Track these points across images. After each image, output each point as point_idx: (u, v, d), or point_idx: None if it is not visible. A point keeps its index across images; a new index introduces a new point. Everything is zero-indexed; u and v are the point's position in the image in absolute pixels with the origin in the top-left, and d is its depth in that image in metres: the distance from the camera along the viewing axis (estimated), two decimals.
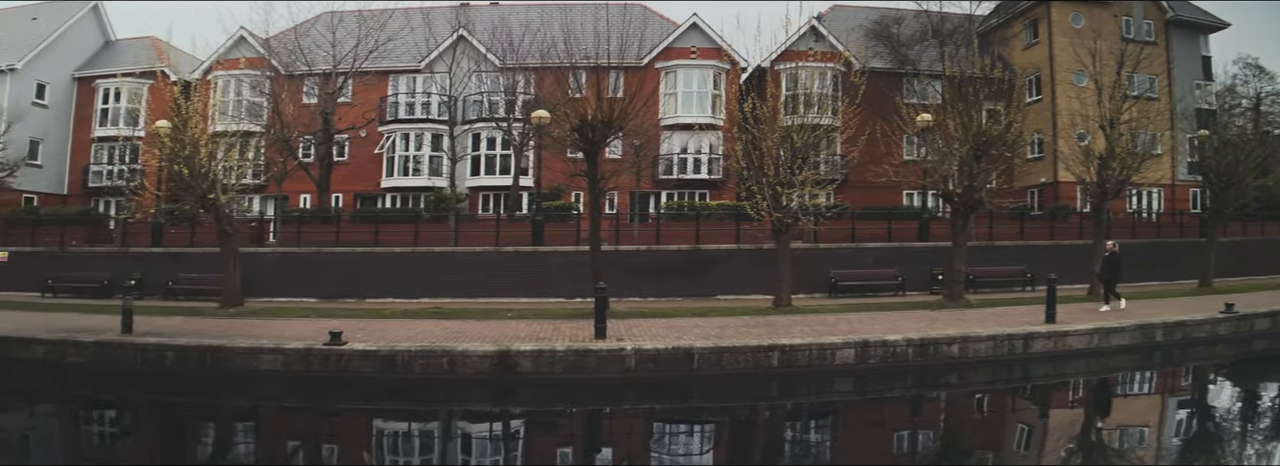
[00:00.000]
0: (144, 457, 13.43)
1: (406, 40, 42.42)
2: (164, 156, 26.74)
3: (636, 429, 14.98)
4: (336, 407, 16.75)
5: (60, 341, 20.07)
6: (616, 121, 25.03)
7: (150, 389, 18.47)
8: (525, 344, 17.85)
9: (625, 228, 34.38)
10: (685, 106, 40.65)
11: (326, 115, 38.51)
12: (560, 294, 29.97)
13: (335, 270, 32.34)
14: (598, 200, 26.59)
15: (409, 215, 36.85)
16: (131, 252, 35.51)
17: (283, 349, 18.18)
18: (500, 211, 38.70)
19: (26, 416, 17.09)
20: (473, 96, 40.91)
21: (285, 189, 39.79)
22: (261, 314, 25.73)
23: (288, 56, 39.75)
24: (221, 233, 27.03)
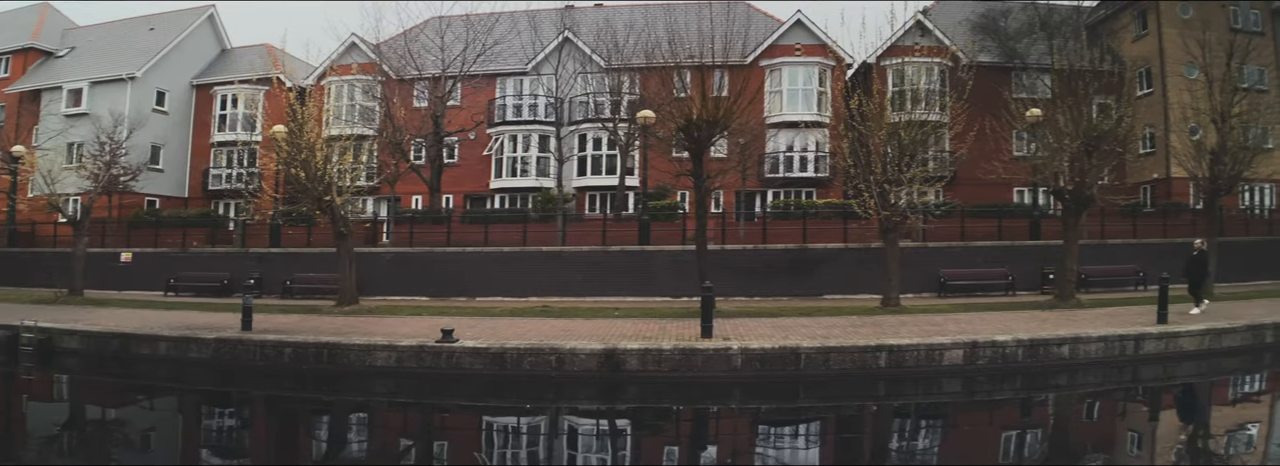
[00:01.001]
0: (263, 451, 13.95)
1: (513, 43, 43.03)
2: (282, 160, 27.64)
3: (742, 428, 15.03)
4: (447, 403, 17.20)
5: (182, 338, 20.93)
6: (722, 120, 25.05)
7: (269, 384, 19.25)
8: (632, 342, 18.04)
9: (731, 226, 34.46)
10: (790, 104, 40.46)
11: (437, 118, 39.28)
12: (666, 293, 30.06)
13: (446, 269, 33.02)
14: (703, 199, 26.65)
15: (517, 215, 37.47)
16: (251, 253, 36.71)
17: (396, 346, 18.72)
18: (607, 211, 38.97)
19: (149, 410, 17.91)
20: (578, 97, 41.35)
21: (398, 190, 40.79)
22: (376, 312, 26.43)
23: (398, 61, 40.69)
24: (337, 233, 27.80)
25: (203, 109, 50.31)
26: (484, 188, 43.35)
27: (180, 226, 40.64)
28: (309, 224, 35.46)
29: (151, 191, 46.91)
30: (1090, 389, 17.87)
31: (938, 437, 14.50)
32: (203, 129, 49.97)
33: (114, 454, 13.49)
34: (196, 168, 49.95)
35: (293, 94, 28.53)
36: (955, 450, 13.38)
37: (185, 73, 50.78)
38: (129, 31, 54.53)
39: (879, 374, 17.22)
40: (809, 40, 41.19)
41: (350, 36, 45.55)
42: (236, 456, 13.73)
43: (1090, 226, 30.72)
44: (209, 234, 40.65)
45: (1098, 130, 25.00)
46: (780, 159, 40.43)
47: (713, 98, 25.33)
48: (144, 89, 47.86)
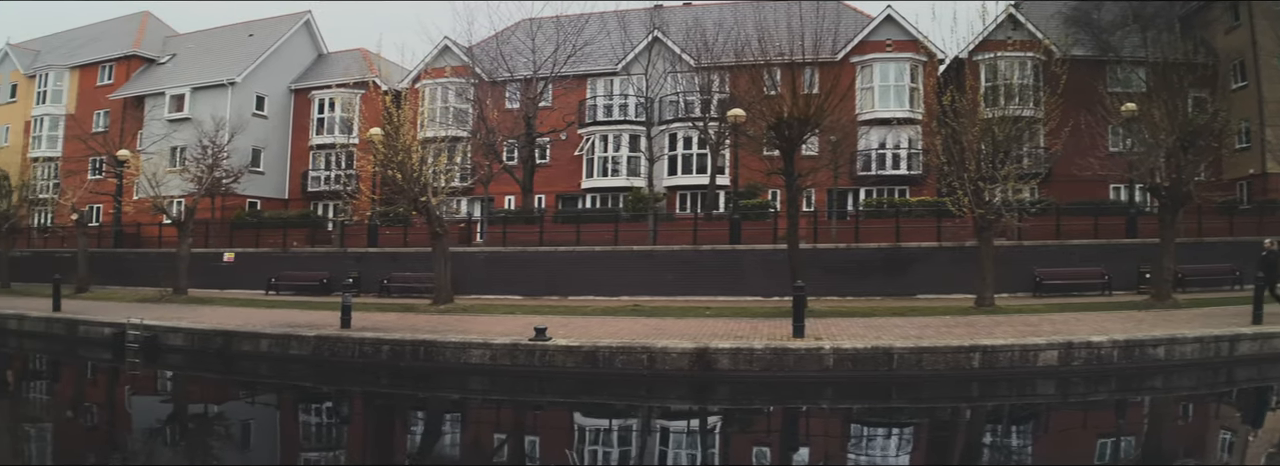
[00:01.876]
0: (360, 446, 14.32)
1: (603, 44, 43.29)
2: (379, 162, 28.18)
3: (833, 429, 15.02)
4: (540, 401, 17.46)
5: (283, 336, 21.54)
6: (813, 118, 24.90)
7: (367, 380, 19.68)
8: (723, 341, 18.08)
9: (823, 225, 34.32)
10: (882, 100, 40.09)
11: (528, 119, 39.72)
12: (757, 292, 30.04)
13: (539, 268, 33.41)
14: (795, 198, 26.55)
15: (608, 215, 37.78)
16: (349, 253, 37.55)
17: (490, 344, 19.05)
18: (697, 210, 39.04)
19: (251, 405, 18.48)
20: (668, 97, 41.47)
21: (491, 191, 41.38)
22: (470, 310, 26.88)
23: (490, 64, 41.29)
24: (433, 233, 28.29)
25: (301, 113, 51.63)
26: (575, 188, 43.73)
27: (281, 227, 41.69)
28: (405, 224, 36.18)
29: (253, 193, 48.23)
30: (1185, 391, 17.55)
31: (1030, 440, 14.32)
32: (301, 132, 51.29)
33: (216, 448, 13.96)
34: (295, 170, 51.27)
35: (388, 97, 29.06)
36: (1047, 453, 13.17)
37: (283, 77, 52.18)
38: (228, 38, 56.12)
39: (972, 375, 17.01)
40: (900, 36, 40.79)
41: (443, 40, 46.34)
42: (335, 451, 14.05)
43: (1187, 224, 29.94)
44: (309, 234, 41.63)
45: (1193, 125, 24.44)
46: (872, 156, 40.07)
47: (804, 95, 25.15)
48: (244, 94, 49.22)
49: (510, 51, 41.38)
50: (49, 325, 26.85)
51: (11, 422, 16.09)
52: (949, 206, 26.28)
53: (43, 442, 14.27)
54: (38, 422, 16.23)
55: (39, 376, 22.87)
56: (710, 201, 38.82)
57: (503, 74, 41.29)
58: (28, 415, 17.06)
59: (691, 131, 40.44)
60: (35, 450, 13.63)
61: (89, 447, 13.81)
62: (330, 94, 49.67)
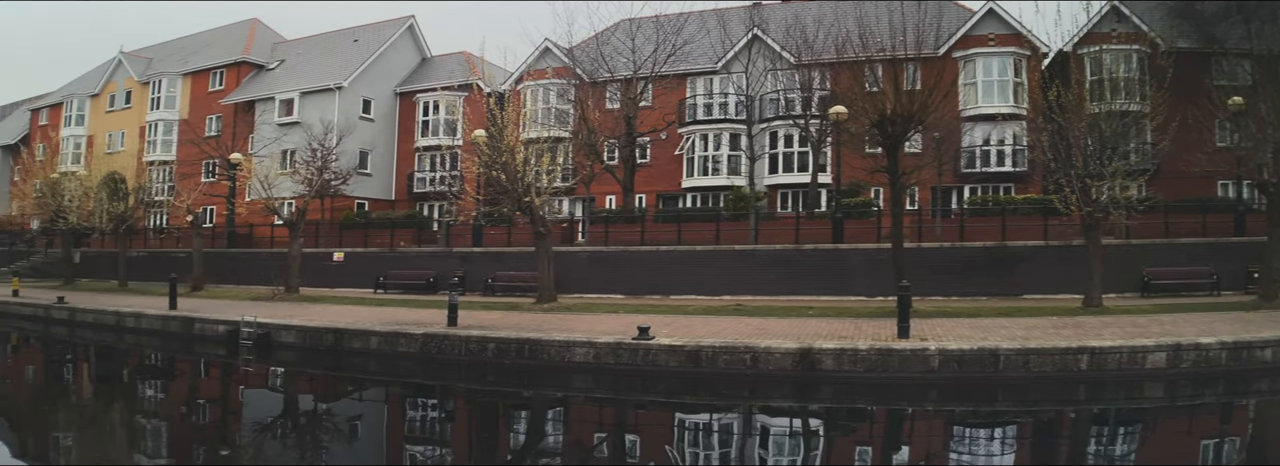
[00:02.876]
0: (465, 441, 14.71)
1: (702, 43, 43.36)
2: (483, 163, 28.62)
3: (938, 430, 14.95)
4: (642, 399, 17.65)
5: (392, 333, 22.20)
6: (917, 115, 24.68)
7: (473, 377, 20.19)
8: (827, 342, 18.10)
9: (927, 223, 33.99)
10: (985, 96, 39.40)
11: (629, 119, 39.98)
12: (860, 292, 29.84)
13: (640, 267, 33.68)
14: (899, 196, 26.41)
15: (709, 214, 37.84)
16: (454, 252, 38.26)
17: (594, 342, 19.38)
18: (799, 209, 38.88)
19: (360, 400, 19.04)
20: (769, 95, 41.33)
21: (592, 190, 41.71)
22: (573, 309, 27.25)
23: (590, 64, 41.65)
24: (536, 233, 28.70)
25: (406, 115, 52.68)
26: (676, 187, 43.84)
27: (388, 227, 42.64)
28: (509, 224, 36.72)
29: (360, 194, 49.41)
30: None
31: (1135, 444, 14.09)
32: (407, 134, 52.35)
33: (330, 442, 14.49)
34: (402, 171, 52.34)
35: (491, 99, 29.52)
36: (1152, 458, 12.99)
37: (389, 81, 53.34)
38: (334, 43, 57.50)
39: (1079, 377, 16.77)
40: (1002, 30, 40.06)
41: (543, 42, 46.92)
42: (445, 446, 14.40)
43: None
44: (415, 234, 42.49)
45: None
46: (977, 153, 39.48)
47: (907, 91, 24.99)
48: (351, 98, 50.38)
49: (610, 52, 41.72)
50: (166, 323, 27.91)
51: (136, 416, 16.80)
52: (1056, 204, 25.87)
53: (165, 436, 14.87)
54: (162, 417, 16.93)
55: (158, 373, 23.88)
56: (812, 200, 38.65)
57: (603, 74, 41.59)
58: (148, 410, 17.78)
59: (792, 129, 40.32)
60: (155, 444, 14.22)
61: (209, 441, 14.38)
62: (434, 97, 50.52)
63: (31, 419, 16.47)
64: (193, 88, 58.96)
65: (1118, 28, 36.17)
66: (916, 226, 32.72)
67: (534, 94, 45.59)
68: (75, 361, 26.51)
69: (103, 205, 44.34)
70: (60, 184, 46.76)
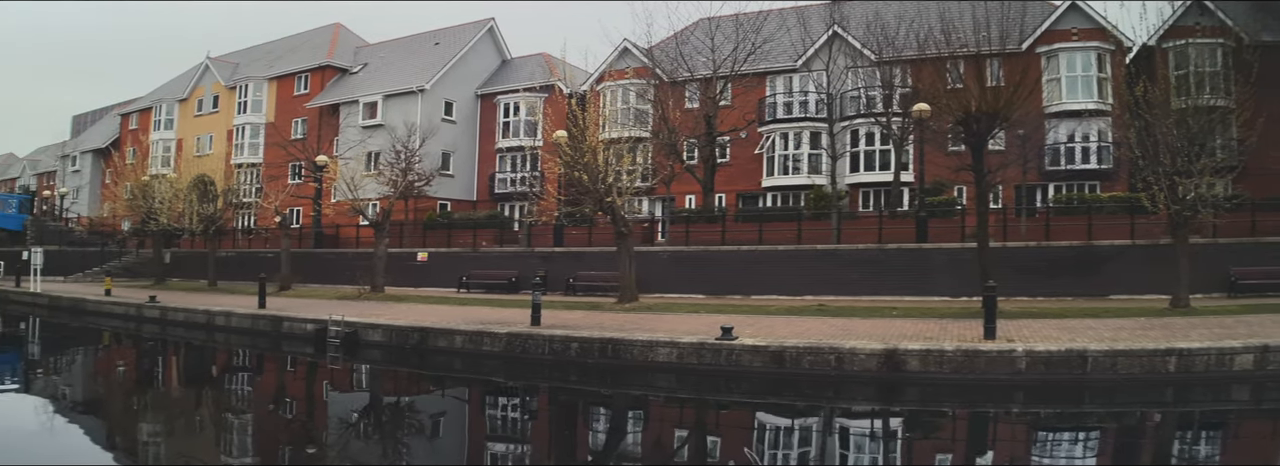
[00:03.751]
0: (547, 439, 14.98)
1: (782, 41, 43.27)
2: (564, 163, 28.87)
3: (1023, 433, 14.77)
4: (726, 400, 17.73)
5: (476, 332, 22.51)
6: (1002, 111, 24.42)
7: (556, 376, 20.41)
8: (913, 343, 17.98)
9: (1011, 222, 33.60)
10: (1069, 92, 38.69)
11: (709, 118, 40.09)
12: (944, 292, 29.62)
13: (721, 267, 33.82)
14: (984, 194, 26.06)
15: (790, 213, 37.81)
16: (535, 252, 38.77)
17: (677, 342, 19.46)
18: (881, 208, 38.63)
19: (442, 398, 19.38)
20: (849, 93, 41.12)
21: (671, 190, 41.80)
22: (654, 309, 27.44)
23: (669, 64, 41.82)
24: (618, 233, 28.92)
25: (487, 117, 53.38)
26: (756, 186, 43.78)
27: (470, 228, 43.29)
28: (590, 224, 37.01)
29: (443, 195, 50.21)
30: None
31: (1219, 448, 13.87)
32: (488, 136, 53.05)
33: (417, 439, 14.83)
34: (483, 172, 53.06)
35: (573, 100, 29.77)
36: (1237, 462, 12.81)
37: (470, 83, 54.10)
38: (416, 47, 58.47)
39: (1167, 379, 16.51)
40: (1085, 24, 39.30)
41: (622, 42, 47.28)
42: (526, 444, 14.64)
43: None
44: (496, 234, 43.03)
45: None
46: (1061, 150, 38.90)
47: (991, 87, 24.74)
48: (433, 100, 51.19)
49: (689, 51, 41.83)
50: (255, 321, 28.59)
51: (228, 413, 17.28)
52: (1143, 202, 25.45)
53: (257, 432, 15.28)
54: (253, 413, 17.39)
55: (248, 370, 24.47)
56: (894, 199, 38.43)
57: (682, 74, 41.72)
58: (239, 406, 18.28)
59: (873, 127, 40.12)
60: (247, 440, 14.63)
61: (300, 437, 14.77)
62: (515, 98, 51.18)
63: (126, 415, 17.06)
64: (278, 92, 60.41)
65: (1201, 21, 35.51)
66: (1001, 225, 32.38)
67: (613, 94, 45.87)
68: (165, 359, 27.25)
69: (192, 207, 45.43)
70: (151, 186, 47.95)
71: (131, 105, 75.60)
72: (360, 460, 13.26)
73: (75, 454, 12.96)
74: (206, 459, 13.19)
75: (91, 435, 14.85)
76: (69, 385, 21.08)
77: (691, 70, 41.59)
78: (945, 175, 34.29)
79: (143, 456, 13.40)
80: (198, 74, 66.84)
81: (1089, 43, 38.47)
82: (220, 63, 66.52)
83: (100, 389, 20.85)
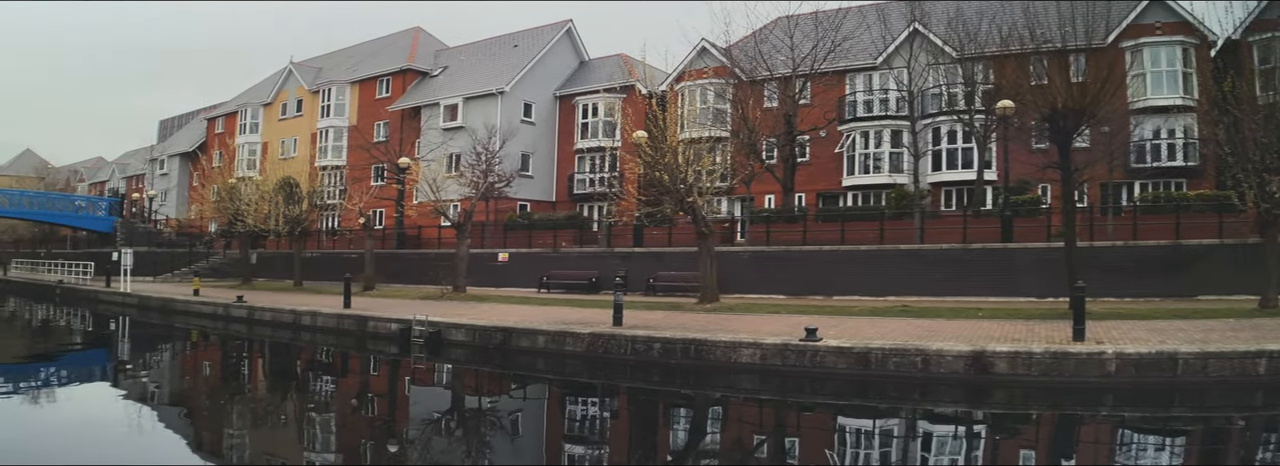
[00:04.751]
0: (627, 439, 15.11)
1: (861, 38, 42.91)
2: (645, 164, 28.95)
3: (1115, 437, 14.53)
4: (809, 402, 17.70)
5: (559, 332, 22.80)
6: (1088, 108, 24.09)
7: (639, 377, 20.56)
8: (1000, 344, 17.82)
9: (1097, 221, 33.07)
10: (1154, 87, 37.84)
11: (789, 117, 39.95)
12: (1030, 292, 29.20)
13: (802, 268, 33.81)
14: (1071, 193, 25.69)
15: (872, 213, 37.57)
16: (615, 252, 39.01)
17: (761, 343, 19.51)
18: (964, 207, 38.25)
19: (522, 398, 19.64)
20: (930, 90, 40.72)
21: (751, 190, 41.65)
22: (735, 309, 27.53)
23: (748, 63, 41.74)
24: (699, 233, 29.00)
25: (566, 118, 53.84)
26: (836, 185, 43.55)
27: (550, 228, 43.65)
28: (669, 224, 37.01)
29: (523, 196, 50.73)
30: None
31: None
32: (566, 137, 53.51)
33: (497, 437, 15.08)
34: (562, 173, 53.55)
35: (654, 101, 29.84)
36: None
37: (548, 85, 54.60)
38: (495, 49, 59.16)
39: (1257, 381, 16.22)
40: (1168, 17, 38.37)
41: (700, 41, 47.33)
42: (612, 445, 14.74)
43: None
44: (576, 235, 43.39)
45: None
46: (1147, 147, 38.16)
47: (1078, 83, 24.36)
48: (512, 102, 51.71)
49: (768, 50, 41.71)
50: (340, 321, 29.20)
51: (316, 410, 17.66)
52: (1232, 200, 24.89)
53: (345, 429, 15.62)
54: (340, 411, 17.79)
55: (335, 369, 24.92)
56: (977, 197, 37.98)
57: (761, 72, 41.58)
58: (327, 404, 18.67)
59: (956, 125, 39.74)
60: (338, 437, 14.93)
61: (388, 435, 15.12)
62: (593, 99, 51.59)
63: (213, 412, 17.58)
64: (360, 95, 61.42)
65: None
66: (1087, 224, 31.88)
67: (691, 94, 45.96)
68: (252, 357, 27.97)
69: (278, 209, 46.44)
70: (237, 189, 48.97)
71: (217, 110, 77.33)
72: (443, 459, 13.50)
73: (162, 451, 13.45)
74: (291, 456, 13.57)
75: (179, 432, 15.40)
76: (157, 383, 21.84)
77: (770, 69, 41.45)
78: (1030, 173, 33.89)
79: (228, 453, 13.79)
80: (282, 78, 68.17)
81: (1173, 37, 37.64)
82: (303, 67, 67.81)
83: (188, 386, 21.54)
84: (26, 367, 24.05)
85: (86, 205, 66.83)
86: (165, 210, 75.58)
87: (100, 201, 69.36)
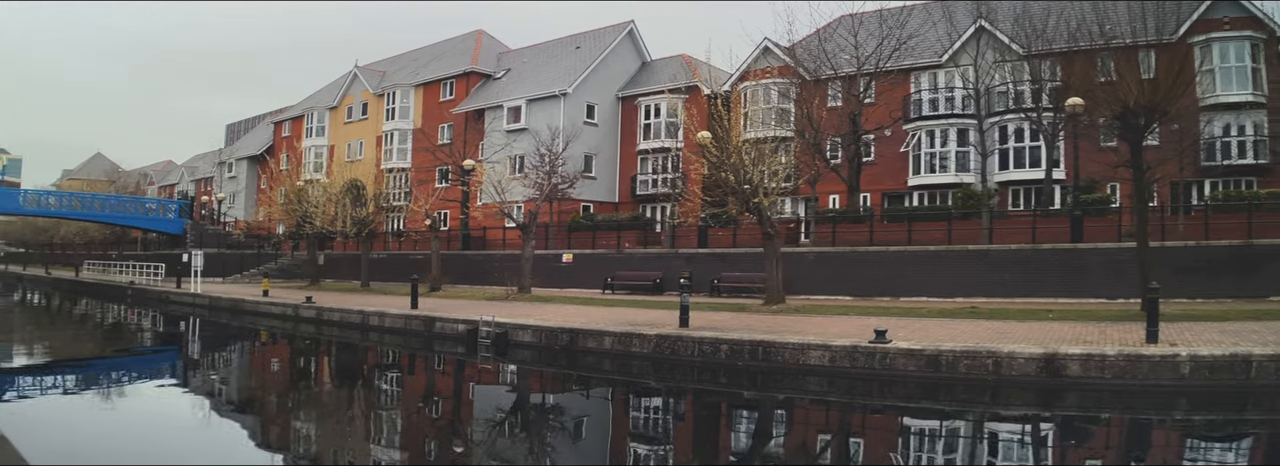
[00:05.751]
0: (689, 440, 15.09)
1: (927, 36, 42.69)
2: (711, 165, 28.94)
3: (1172, 440, 14.38)
4: (884, 404, 17.53)
5: (626, 334, 22.76)
6: (1160, 105, 23.74)
7: (705, 379, 20.48)
8: (1072, 347, 17.52)
9: (1168, 221, 32.58)
10: (1223, 83, 37.11)
11: (854, 116, 39.84)
12: (1101, 293, 28.91)
13: (868, 268, 33.71)
14: (1143, 192, 25.31)
15: (939, 213, 37.37)
16: (679, 253, 39.15)
17: (829, 345, 19.33)
18: (1033, 206, 37.88)
19: (585, 398, 19.80)
20: (997, 88, 40.34)
21: (815, 190, 41.50)
22: (801, 311, 27.51)
23: (812, 62, 41.66)
24: (765, 234, 28.92)
25: (628, 119, 54.15)
26: (901, 185, 43.39)
27: (614, 229, 43.86)
28: (734, 225, 36.99)
29: (586, 197, 51.14)
30: None
31: None
32: (629, 137, 53.84)
33: (554, 439, 15.16)
34: (624, 174, 53.86)
35: (719, 101, 29.83)
36: None
37: (611, 86, 54.95)
38: (557, 51, 59.51)
39: None
40: (1236, 12, 37.58)
41: (763, 41, 47.28)
42: (684, 446, 14.78)
43: None
44: (640, 236, 43.53)
45: None
46: (1217, 145, 37.51)
47: (1148, 80, 24.00)
48: (575, 103, 52.09)
49: (832, 49, 41.68)
50: (408, 322, 29.46)
51: (387, 410, 17.94)
52: None
53: (416, 428, 15.88)
54: (410, 410, 18.06)
55: (404, 369, 25.22)
56: (1046, 197, 37.58)
57: (825, 71, 41.51)
58: (397, 404, 18.95)
59: (1023, 123, 39.39)
60: (410, 436, 15.16)
61: (455, 435, 15.33)
62: (655, 100, 51.82)
63: (281, 411, 18.00)
64: (424, 98, 62.19)
65: None
66: (1157, 224, 31.37)
67: (754, 94, 45.95)
68: (319, 357, 28.36)
69: (345, 210, 46.99)
70: (305, 191, 49.62)
71: (283, 113, 78.62)
72: (509, 457, 13.67)
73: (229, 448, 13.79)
74: (358, 454, 13.81)
75: (247, 429, 15.78)
76: (226, 382, 22.30)
77: (835, 68, 41.37)
78: (1099, 172, 33.47)
79: (295, 451, 14.05)
80: (347, 82, 69.16)
81: (1242, 32, 36.98)
82: (368, 71, 68.77)
83: (256, 385, 21.94)
84: (99, 365, 24.67)
85: (157, 207, 68.15)
86: (234, 212, 76.99)
87: (170, 204, 70.66)
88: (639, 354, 22.08)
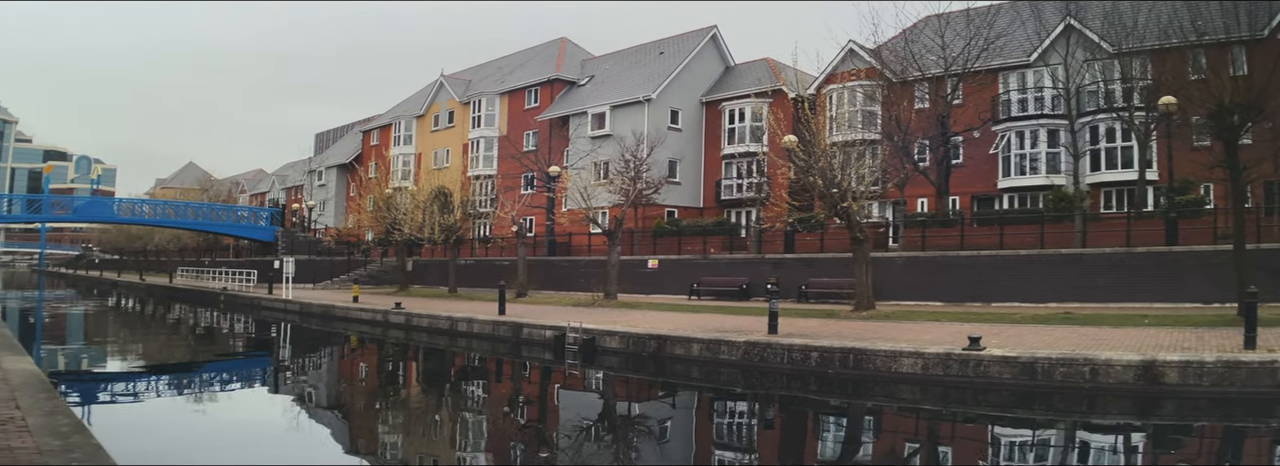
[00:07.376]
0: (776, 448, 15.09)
1: (1015, 36, 42.20)
2: (798, 169, 28.88)
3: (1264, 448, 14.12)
4: (983, 413, 17.32)
5: (714, 341, 22.76)
6: (1255, 102, 23.21)
7: (796, 386, 20.44)
8: (1170, 353, 17.12)
9: (1263, 222, 31.75)
10: None
11: (942, 118, 39.47)
12: (1196, 298, 28.19)
13: (958, 273, 33.41)
14: (1241, 193, 24.75)
15: (1031, 216, 36.78)
16: (765, 259, 39.17)
17: (922, 353, 19.12)
18: (1126, 208, 37.26)
19: (671, 406, 19.74)
20: (1087, 87, 39.77)
21: (904, 193, 41.19)
22: (891, 317, 27.26)
23: (898, 64, 41.43)
24: (854, 239, 28.76)
25: (712, 124, 54.31)
26: (991, 188, 42.96)
27: (699, 234, 44.04)
28: (821, 229, 36.85)
29: (671, 202, 51.36)
30: None
31: None
32: (713, 142, 53.97)
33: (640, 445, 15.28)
34: (709, 179, 53.99)
35: (806, 105, 29.75)
36: None
37: (694, 91, 55.17)
38: (640, 57, 59.90)
39: None
40: None
41: (847, 43, 47.17)
42: (749, 453, 14.79)
43: None
44: (725, 241, 43.59)
45: None
46: None
47: (1243, 77, 23.51)
48: (659, 109, 52.38)
49: (918, 49, 41.38)
50: (496, 327, 29.77)
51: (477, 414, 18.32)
52: None
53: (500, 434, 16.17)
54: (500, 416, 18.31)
55: (493, 375, 25.48)
56: (1138, 198, 36.91)
57: (912, 73, 41.21)
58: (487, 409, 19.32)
59: (1114, 123, 38.76)
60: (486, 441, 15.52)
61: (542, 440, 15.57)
62: (739, 104, 51.95)
63: (368, 415, 18.37)
64: (509, 105, 63.07)
65: None
66: (1252, 225, 30.56)
67: (840, 96, 45.65)
68: (408, 362, 28.89)
69: (433, 217, 47.72)
70: (393, 199, 50.52)
71: (371, 122, 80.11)
72: (593, 461, 13.85)
73: (319, 450, 14.24)
74: (444, 457, 14.11)
75: (335, 432, 16.27)
76: (316, 386, 22.93)
77: (922, 69, 41.03)
78: (1192, 172, 32.82)
79: (382, 454, 14.38)
80: (433, 91, 70.32)
81: None
82: (453, 80, 69.81)
83: (346, 389, 22.52)
84: (192, 370, 25.50)
85: (248, 215, 69.86)
86: (324, 220, 78.52)
87: (261, 211, 72.34)
88: (727, 361, 22.03)
